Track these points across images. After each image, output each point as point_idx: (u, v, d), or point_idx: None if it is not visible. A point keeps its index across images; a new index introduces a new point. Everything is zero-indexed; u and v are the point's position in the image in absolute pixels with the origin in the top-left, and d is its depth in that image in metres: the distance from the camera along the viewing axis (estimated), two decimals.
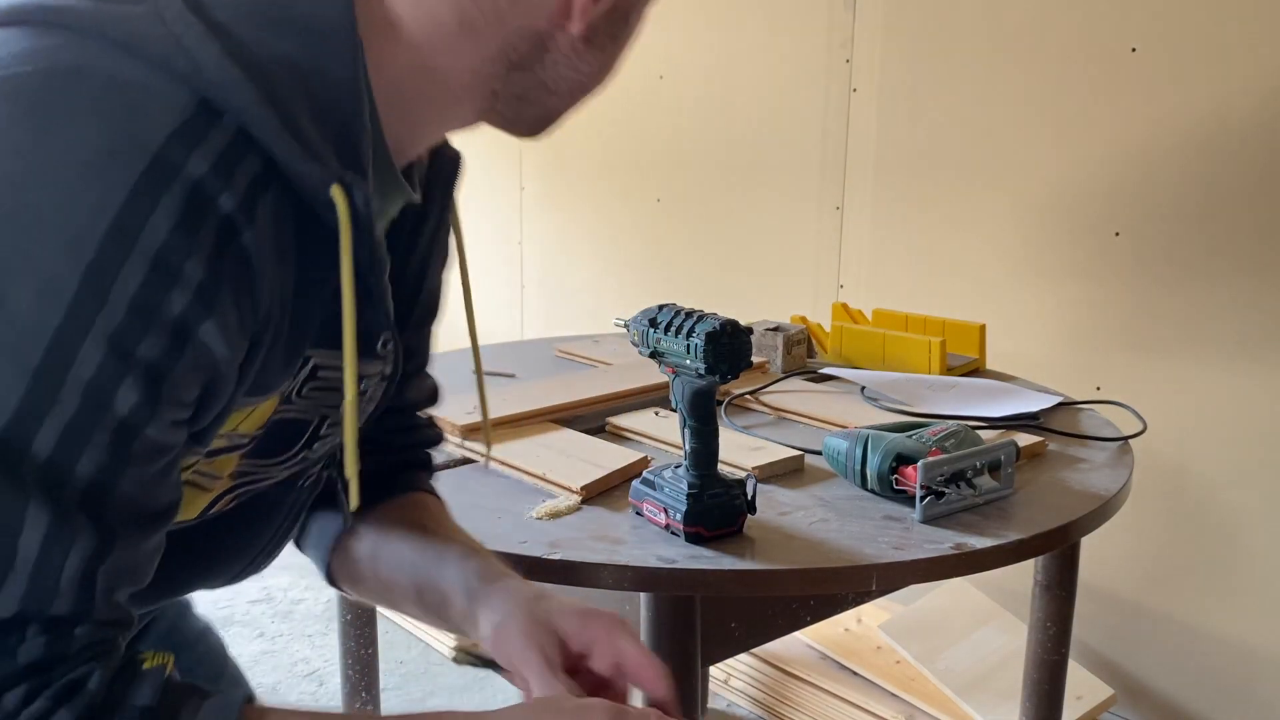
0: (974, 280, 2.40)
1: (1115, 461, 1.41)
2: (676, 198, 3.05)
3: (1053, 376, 2.21)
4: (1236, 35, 1.96)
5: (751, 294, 2.87)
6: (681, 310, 1.11)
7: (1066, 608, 1.61)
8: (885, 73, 2.51)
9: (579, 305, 3.42)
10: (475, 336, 0.87)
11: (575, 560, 1.07)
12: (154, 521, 0.58)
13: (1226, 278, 2.03)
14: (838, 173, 2.63)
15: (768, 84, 2.76)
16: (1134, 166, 2.13)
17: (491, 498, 1.23)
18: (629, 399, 1.62)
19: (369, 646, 1.70)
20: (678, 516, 1.11)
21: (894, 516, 1.20)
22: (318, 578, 0.95)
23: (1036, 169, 2.27)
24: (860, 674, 2.16)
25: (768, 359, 1.85)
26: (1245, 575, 2.08)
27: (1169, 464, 2.14)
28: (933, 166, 2.45)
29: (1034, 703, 1.66)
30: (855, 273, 2.63)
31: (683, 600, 1.10)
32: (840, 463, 1.29)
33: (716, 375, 1.06)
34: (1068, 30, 2.19)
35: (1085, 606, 2.22)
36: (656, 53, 3.02)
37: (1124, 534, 2.18)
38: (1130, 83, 2.11)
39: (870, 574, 1.08)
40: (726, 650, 1.22)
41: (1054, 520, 1.20)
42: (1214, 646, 2.14)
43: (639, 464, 1.32)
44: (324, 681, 2.49)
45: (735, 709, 2.36)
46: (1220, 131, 2.00)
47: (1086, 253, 2.22)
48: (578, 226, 3.36)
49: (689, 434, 1.11)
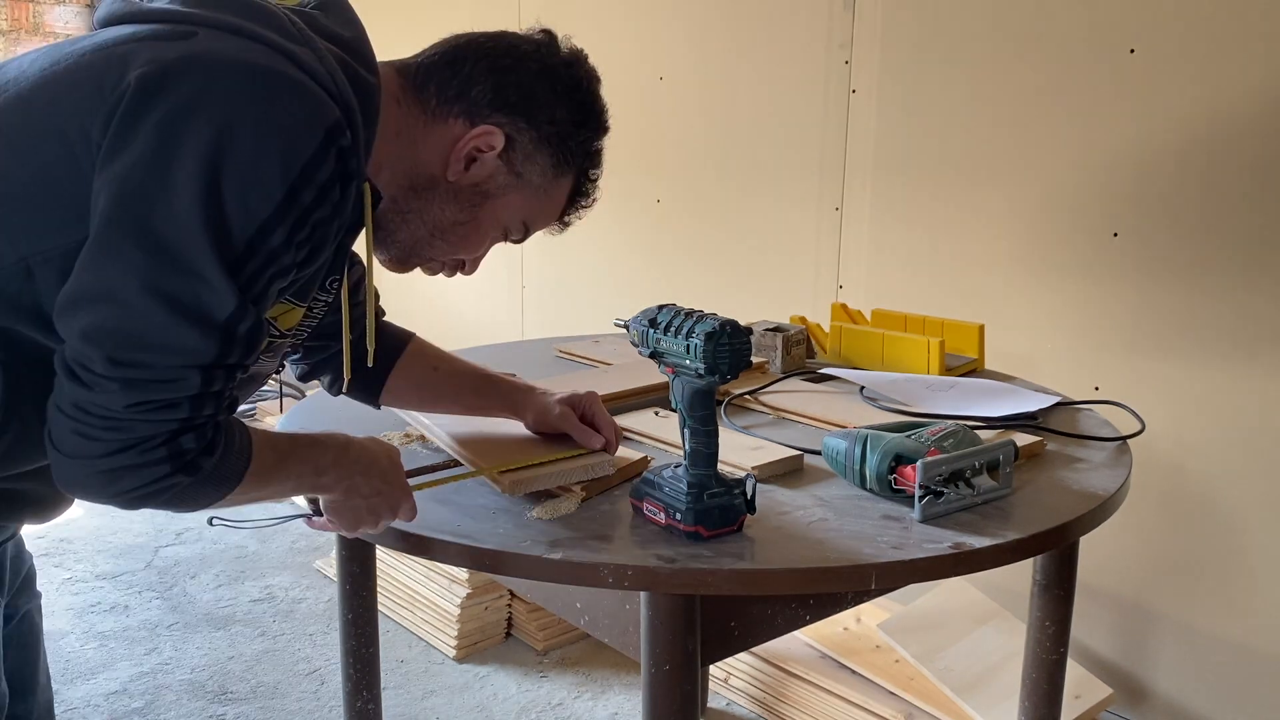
0: (973, 280, 2.41)
1: (1114, 461, 1.42)
2: (676, 198, 3.06)
3: (1051, 376, 2.22)
4: (1236, 35, 1.96)
5: (751, 294, 2.87)
6: (681, 310, 1.11)
7: (1065, 607, 1.62)
8: (885, 73, 2.51)
9: (579, 305, 3.42)
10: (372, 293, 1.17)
11: (575, 560, 1.07)
12: (257, 350, 0.92)
13: (1225, 278, 2.03)
14: (837, 173, 2.64)
15: (768, 85, 2.76)
16: (1133, 167, 2.13)
17: (492, 497, 1.23)
18: (629, 399, 1.62)
19: (370, 645, 1.70)
20: (678, 516, 1.11)
21: (893, 516, 1.20)
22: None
23: (1035, 169, 2.28)
24: (859, 673, 2.16)
25: (767, 359, 1.86)
26: (1244, 575, 2.09)
27: (1167, 464, 2.15)
28: (932, 167, 2.45)
29: (1033, 702, 1.67)
30: (855, 273, 2.64)
31: (683, 600, 1.11)
32: (839, 463, 1.30)
33: (716, 375, 1.07)
34: (1067, 30, 2.19)
35: (1084, 606, 2.23)
36: (656, 53, 3.03)
37: (1122, 534, 2.19)
38: (1129, 83, 2.11)
39: (869, 573, 1.08)
40: (726, 649, 1.23)
41: (1052, 520, 1.21)
42: (1213, 646, 2.14)
43: (639, 464, 1.32)
44: (325, 680, 2.49)
45: (735, 708, 2.36)
46: (1219, 132, 2.01)
47: (1085, 253, 2.22)
48: (578, 227, 3.35)
49: (689, 434, 1.12)
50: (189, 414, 0.88)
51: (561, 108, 1.10)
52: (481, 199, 1.09)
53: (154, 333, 0.84)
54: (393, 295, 4.39)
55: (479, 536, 1.13)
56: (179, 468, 0.88)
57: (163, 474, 0.88)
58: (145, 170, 0.84)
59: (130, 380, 0.84)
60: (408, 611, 2.71)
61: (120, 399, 0.84)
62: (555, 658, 2.59)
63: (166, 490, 0.90)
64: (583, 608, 1.31)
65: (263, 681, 2.49)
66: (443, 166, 1.06)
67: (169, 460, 0.87)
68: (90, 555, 3.16)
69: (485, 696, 2.43)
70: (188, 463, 0.89)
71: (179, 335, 0.85)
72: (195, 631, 2.71)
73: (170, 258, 0.84)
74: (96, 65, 0.90)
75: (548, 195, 1.13)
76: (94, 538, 3.28)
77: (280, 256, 0.89)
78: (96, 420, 0.85)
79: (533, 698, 2.42)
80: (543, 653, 2.60)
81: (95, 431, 0.85)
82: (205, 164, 0.84)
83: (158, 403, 0.86)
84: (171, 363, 0.85)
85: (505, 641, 2.65)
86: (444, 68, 1.07)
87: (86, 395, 0.85)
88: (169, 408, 0.86)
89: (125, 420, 0.85)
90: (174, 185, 0.83)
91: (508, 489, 1.19)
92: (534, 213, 1.14)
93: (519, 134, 1.07)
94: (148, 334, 0.84)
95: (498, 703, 2.40)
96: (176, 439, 0.87)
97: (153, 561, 3.12)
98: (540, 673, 2.52)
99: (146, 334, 0.84)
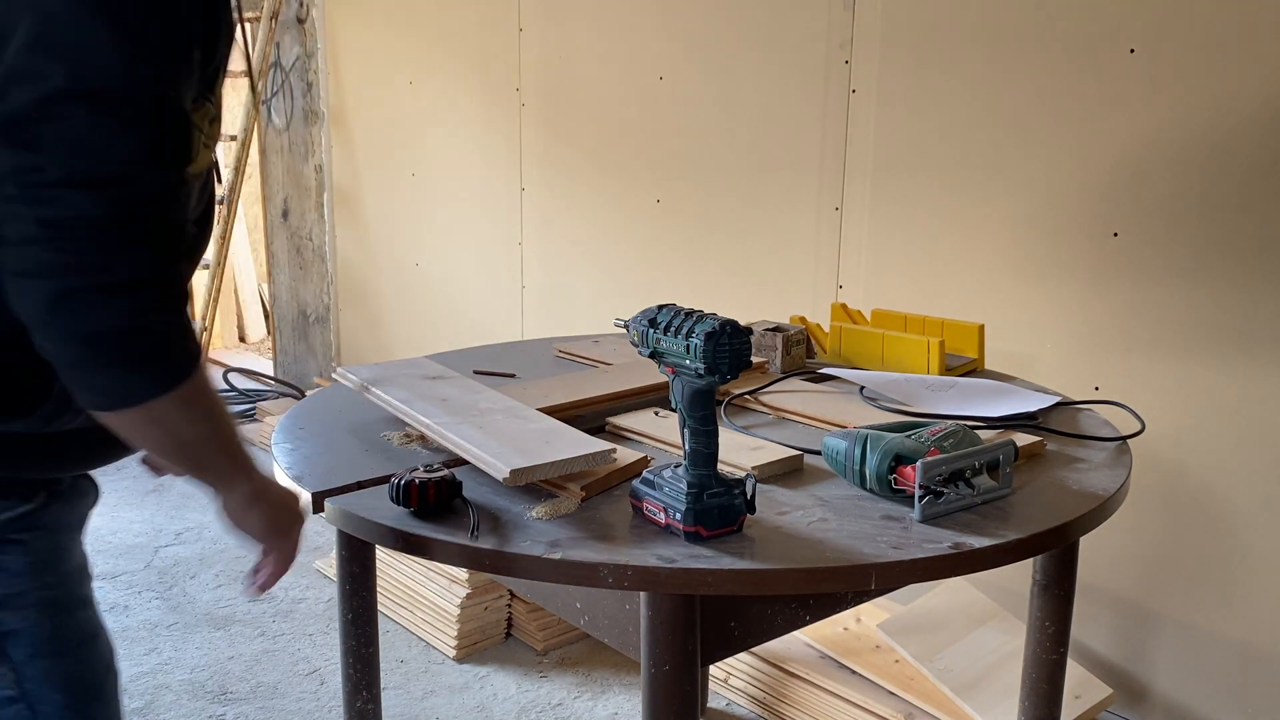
0: (973, 280, 2.41)
1: (1114, 461, 1.42)
2: (676, 198, 3.06)
3: (1052, 376, 2.22)
4: (1236, 36, 1.96)
5: (751, 294, 2.87)
6: (681, 310, 1.12)
7: (1065, 607, 1.62)
8: (885, 73, 2.51)
9: (579, 305, 3.42)
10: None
11: (575, 560, 1.07)
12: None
13: (1225, 278, 2.03)
14: (837, 173, 2.64)
15: (767, 84, 2.76)
16: (1132, 167, 2.13)
17: (492, 497, 1.23)
18: (629, 399, 1.62)
19: (369, 645, 1.70)
20: (677, 516, 1.11)
21: (893, 516, 1.20)
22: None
23: (1035, 169, 2.28)
24: (859, 673, 2.16)
25: (767, 359, 1.86)
26: (1244, 575, 2.09)
27: (1167, 464, 2.15)
28: (932, 167, 2.45)
29: (1032, 702, 1.67)
30: (854, 273, 2.64)
31: (683, 600, 1.11)
32: (839, 463, 1.30)
33: (716, 375, 1.07)
34: (1067, 31, 2.19)
35: (1084, 606, 2.23)
36: (657, 53, 3.03)
37: (1122, 534, 2.19)
38: (1129, 83, 2.11)
39: (869, 573, 1.09)
40: (726, 649, 1.23)
41: (1052, 520, 1.21)
42: (1213, 646, 2.14)
43: (639, 464, 1.32)
44: (325, 680, 2.49)
45: (735, 708, 2.37)
46: (1218, 132, 2.01)
47: (1085, 253, 2.22)
48: (578, 227, 3.37)
49: (689, 434, 1.12)
50: (155, 191, 0.92)
51: None
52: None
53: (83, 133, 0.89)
54: (394, 295, 4.40)
55: (479, 537, 1.13)
56: (161, 262, 0.93)
57: (149, 267, 0.92)
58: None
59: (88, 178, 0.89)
60: (408, 611, 2.71)
61: (88, 202, 0.89)
62: (555, 658, 2.59)
63: (151, 318, 0.93)
64: (583, 608, 1.31)
65: (262, 681, 2.49)
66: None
67: (149, 242, 0.92)
68: (90, 555, 3.16)
69: (485, 696, 2.43)
70: (165, 267, 0.93)
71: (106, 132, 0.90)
72: (195, 631, 2.71)
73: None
74: None
75: None
76: (94, 538, 3.27)
77: (186, 52, 0.96)
78: (80, 227, 0.89)
79: (533, 698, 2.42)
80: (543, 653, 2.60)
81: (80, 231, 0.89)
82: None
83: (123, 198, 0.90)
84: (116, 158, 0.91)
85: (505, 641, 2.65)
86: None
87: (50, 211, 0.88)
88: (131, 201, 0.91)
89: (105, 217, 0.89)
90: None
91: (509, 480, 1.19)
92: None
93: None
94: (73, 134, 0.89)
95: (498, 703, 2.40)
96: (158, 229, 0.93)
97: (152, 561, 3.12)
98: (540, 673, 2.52)
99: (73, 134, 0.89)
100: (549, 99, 3.39)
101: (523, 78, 3.44)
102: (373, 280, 4.33)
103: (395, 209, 4.14)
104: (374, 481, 1.27)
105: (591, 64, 3.22)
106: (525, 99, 3.45)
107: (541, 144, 3.44)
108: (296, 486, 1.27)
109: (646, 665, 1.13)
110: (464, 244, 3.84)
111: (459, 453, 1.30)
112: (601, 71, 3.19)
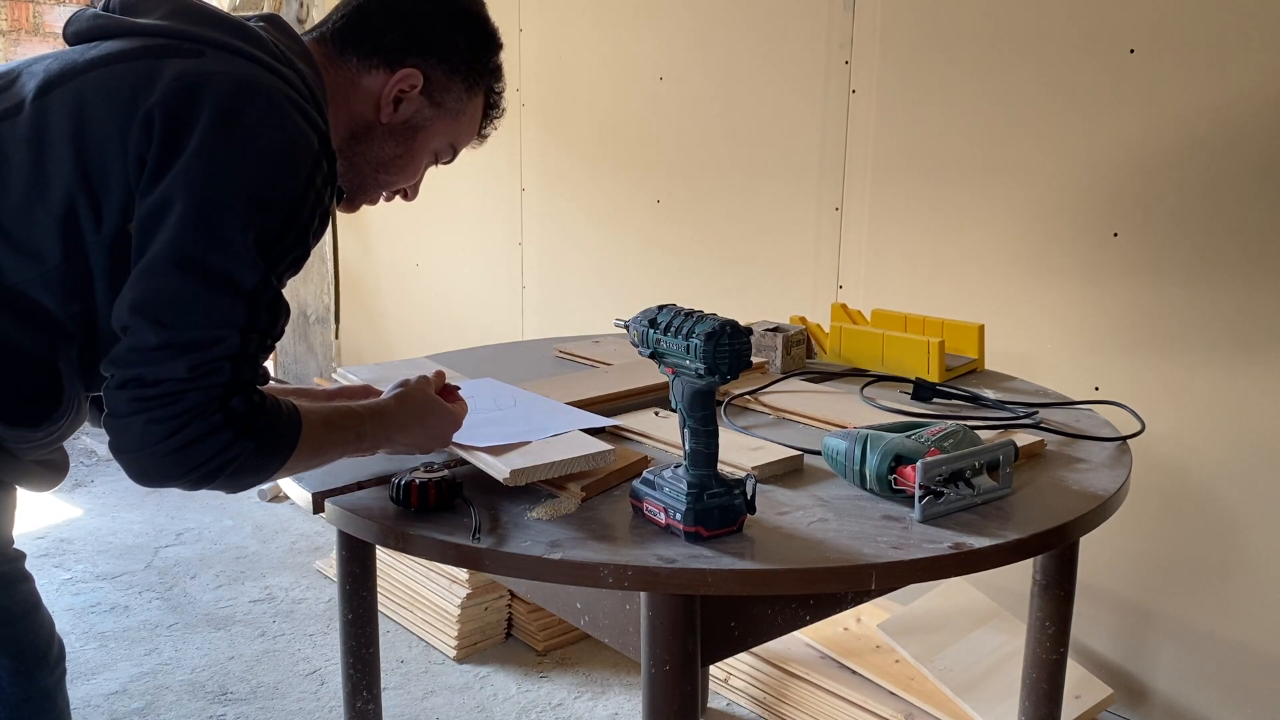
0: (973, 280, 2.41)
1: (1114, 461, 1.42)
2: (676, 198, 3.06)
3: (1051, 376, 2.22)
4: (1236, 36, 1.96)
5: (751, 294, 2.87)
6: (681, 311, 1.11)
7: (1065, 607, 1.62)
8: (885, 73, 2.51)
9: (579, 305, 3.42)
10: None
11: (575, 560, 1.07)
12: (280, 320, 1.06)
13: (1225, 278, 2.03)
14: (837, 173, 2.64)
15: (767, 85, 2.76)
16: (1133, 167, 2.13)
17: (492, 497, 1.23)
18: (629, 399, 1.62)
19: (369, 646, 1.70)
20: (678, 516, 1.11)
21: (893, 516, 1.20)
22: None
23: (1035, 169, 2.28)
24: (859, 673, 2.16)
25: (767, 359, 1.86)
26: (1244, 575, 2.09)
27: (1167, 464, 2.15)
28: (932, 167, 2.45)
29: (1033, 702, 1.67)
30: (854, 273, 2.64)
31: (683, 600, 1.11)
32: (839, 463, 1.30)
33: (716, 375, 1.07)
34: (1067, 30, 2.19)
35: (1084, 606, 2.23)
36: (657, 54, 3.03)
37: (1123, 534, 2.19)
38: (1129, 83, 2.11)
39: (869, 573, 1.08)
40: (726, 650, 1.23)
41: (1052, 520, 1.21)
42: (1213, 646, 2.14)
43: (639, 464, 1.32)
44: (325, 680, 2.49)
45: (735, 708, 2.37)
46: (1219, 132, 2.01)
47: (1085, 253, 2.22)
48: (578, 227, 3.37)
49: (689, 434, 1.12)
50: (231, 376, 0.99)
51: (460, 36, 1.24)
52: (412, 132, 1.25)
53: (191, 299, 0.98)
54: (395, 297, 4.39)
55: (480, 537, 1.13)
56: (239, 431, 0.99)
57: (226, 440, 0.98)
58: (200, 170, 1.00)
59: (178, 345, 0.97)
60: (408, 611, 2.71)
61: (171, 366, 0.96)
62: (555, 658, 2.59)
63: (233, 459, 0.99)
64: (583, 608, 1.31)
65: (263, 682, 2.49)
66: (375, 112, 1.23)
67: (227, 425, 0.98)
68: (90, 556, 3.16)
69: (485, 697, 2.43)
70: (244, 426, 0.99)
71: (215, 301, 0.99)
72: (195, 632, 2.71)
73: (213, 239, 0.99)
74: (124, 75, 1.04)
75: (465, 116, 1.29)
76: (94, 538, 3.28)
77: (299, 241, 1.05)
78: (154, 396, 0.96)
79: (533, 698, 2.42)
80: (543, 653, 2.60)
81: (156, 412, 0.96)
82: (244, 172, 1.01)
83: (205, 366, 0.97)
84: (211, 322, 0.98)
85: (505, 642, 2.65)
86: (355, 28, 1.22)
87: (142, 372, 0.96)
88: (214, 371, 0.98)
89: (179, 390, 0.96)
90: (222, 187, 1.00)
91: (510, 480, 1.19)
92: (457, 134, 1.29)
93: (432, 70, 1.23)
94: (184, 299, 0.98)
95: (498, 703, 2.41)
96: (227, 402, 0.98)
97: (153, 562, 3.12)
98: (540, 673, 2.52)
99: (183, 299, 0.98)
100: (549, 99, 3.39)
101: (523, 78, 3.44)
102: (373, 280, 4.33)
103: (395, 209, 4.13)
104: (374, 481, 1.27)
105: (591, 64, 3.22)
106: (525, 99, 3.45)
107: (541, 144, 3.44)
108: (297, 486, 1.27)
109: (646, 665, 1.13)
110: (464, 244, 3.84)
111: (459, 453, 1.30)
112: (601, 72, 3.19)
